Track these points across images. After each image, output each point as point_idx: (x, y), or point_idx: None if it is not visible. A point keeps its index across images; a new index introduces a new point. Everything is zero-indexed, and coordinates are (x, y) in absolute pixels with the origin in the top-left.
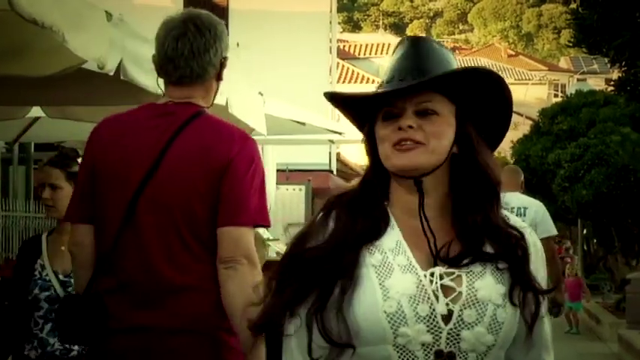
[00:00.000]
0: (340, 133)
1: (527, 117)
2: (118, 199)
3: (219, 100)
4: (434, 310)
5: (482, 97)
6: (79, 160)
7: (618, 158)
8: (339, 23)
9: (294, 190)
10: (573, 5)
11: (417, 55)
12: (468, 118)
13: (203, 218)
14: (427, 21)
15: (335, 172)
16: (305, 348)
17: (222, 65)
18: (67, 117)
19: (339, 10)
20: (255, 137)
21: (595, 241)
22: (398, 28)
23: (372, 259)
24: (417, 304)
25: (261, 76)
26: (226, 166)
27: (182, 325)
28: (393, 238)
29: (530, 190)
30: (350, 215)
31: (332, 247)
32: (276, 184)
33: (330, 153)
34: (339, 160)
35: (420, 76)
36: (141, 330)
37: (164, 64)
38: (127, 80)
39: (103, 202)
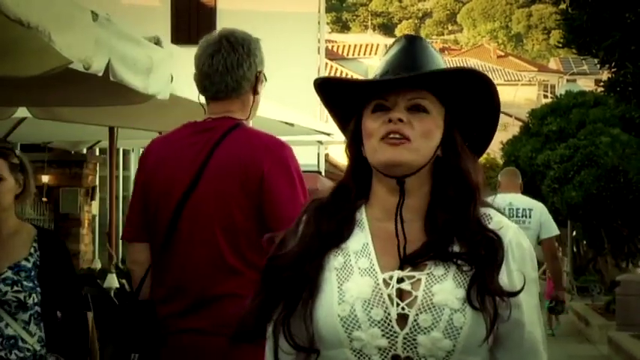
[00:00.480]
0: (329, 134)
1: (516, 118)
2: (163, 214)
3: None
4: (388, 314)
5: (471, 101)
6: (17, 152)
7: (608, 159)
8: (327, 23)
9: None
10: (563, 6)
11: (413, 52)
12: (455, 123)
13: (242, 229)
14: (416, 21)
15: (324, 173)
16: (273, 353)
17: (258, 79)
18: (54, 118)
19: (328, 10)
20: None
21: (585, 242)
22: (387, 28)
23: (336, 262)
24: (371, 308)
25: None
26: (261, 177)
27: (223, 327)
28: (360, 240)
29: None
30: (317, 220)
31: (297, 254)
32: None
33: (318, 154)
34: (327, 161)
35: (419, 71)
36: (188, 332)
37: (202, 81)
38: (117, 81)
39: (151, 217)
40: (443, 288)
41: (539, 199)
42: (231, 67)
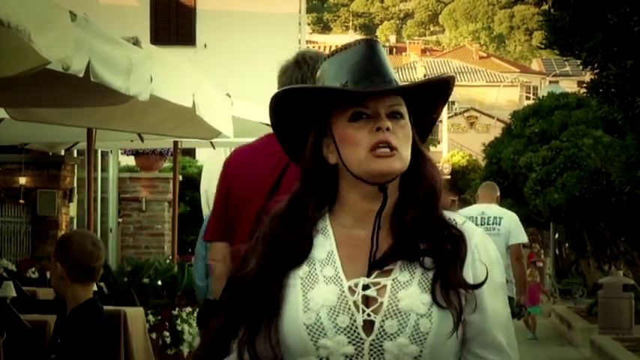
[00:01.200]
0: None
1: (498, 119)
2: (246, 218)
3: (186, 101)
4: (354, 321)
5: (429, 99)
6: None
7: (590, 161)
8: (308, 24)
9: None
10: (545, 6)
11: (378, 57)
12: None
13: None
14: (398, 22)
15: None
16: None
17: None
18: (32, 119)
19: (309, 10)
20: (222, 140)
21: (567, 245)
22: (368, 29)
23: (300, 271)
24: (337, 315)
25: (229, 78)
26: None
27: None
28: (325, 248)
29: (501, 193)
30: (275, 235)
31: (257, 274)
32: None
33: None
34: None
35: (388, 78)
36: None
37: None
38: (98, 82)
39: (234, 221)
40: (408, 293)
41: (521, 202)
42: (296, 82)
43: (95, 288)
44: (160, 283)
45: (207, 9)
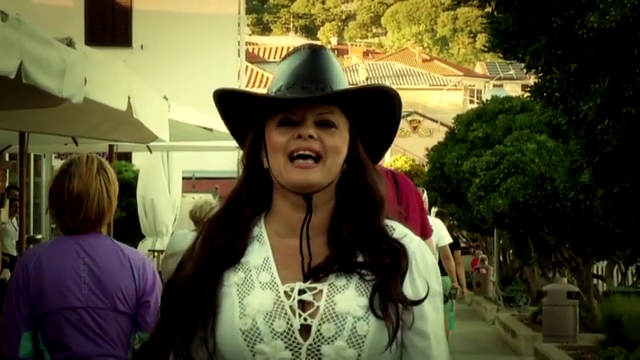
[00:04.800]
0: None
1: (441, 123)
2: None
3: (121, 104)
4: (291, 325)
5: (374, 112)
6: None
7: (535, 167)
8: (247, 25)
9: (200, 198)
10: (489, 9)
11: (318, 63)
12: (357, 133)
13: None
14: (339, 24)
15: None
16: None
17: None
18: None
19: (248, 11)
20: (159, 144)
21: (511, 251)
22: (309, 30)
23: (236, 277)
24: (274, 320)
25: (166, 80)
26: None
27: None
28: (260, 255)
29: (445, 199)
30: (210, 237)
31: (191, 275)
32: (182, 192)
33: (238, 160)
34: None
35: (323, 86)
36: None
37: None
38: (30, 83)
39: None
40: (345, 297)
41: (465, 207)
42: None
43: None
44: None
45: (144, 9)
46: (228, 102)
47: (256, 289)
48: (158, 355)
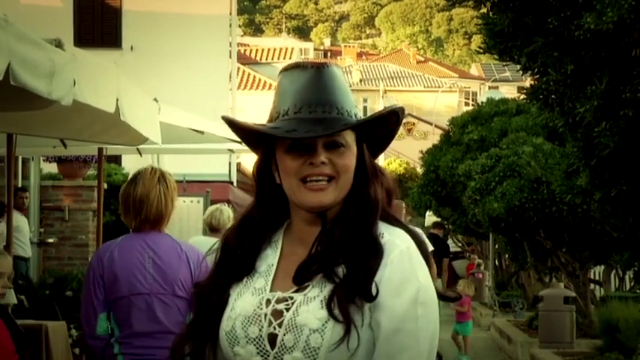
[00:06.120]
0: (241, 143)
1: (436, 126)
2: None
3: (110, 106)
4: (262, 332)
5: (377, 124)
6: None
7: (531, 170)
8: (239, 26)
9: (191, 202)
10: (484, 9)
11: (323, 84)
12: (362, 140)
13: None
14: (333, 25)
15: (235, 183)
16: None
17: None
18: None
19: (240, 12)
20: (149, 146)
21: (507, 256)
22: (302, 31)
23: (241, 282)
24: (249, 326)
25: (156, 82)
26: None
27: None
28: (267, 262)
29: (439, 202)
30: (223, 251)
31: (207, 284)
32: None
33: (230, 163)
34: (239, 170)
35: (329, 109)
36: None
37: None
38: (18, 85)
39: None
40: (307, 309)
41: (460, 211)
42: None
43: (15, 301)
44: None
45: (134, 10)
46: (239, 125)
47: (247, 294)
48: (195, 350)
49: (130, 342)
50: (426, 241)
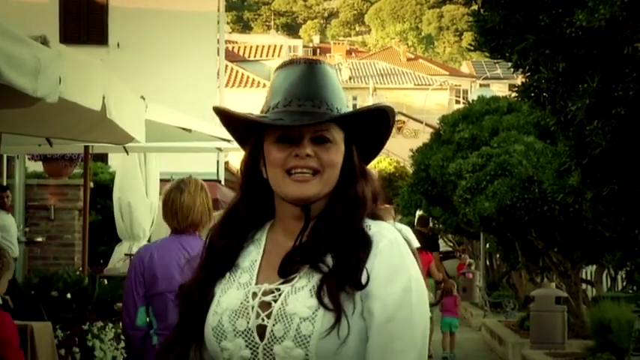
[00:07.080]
0: (229, 141)
1: (427, 124)
2: None
3: (96, 104)
4: (250, 325)
5: (367, 124)
6: None
7: (522, 169)
8: (227, 23)
9: None
10: (475, 6)
11: (314, 79)
12: (352, 141)
13: None
14: (322, 22)
15: (223, 182)
16: None
17: None
18: None
19: (228, 9)
20: (135, 145)
21: (498, 256)
22: (291, 28)
23: (224, 278)
24: (237, 319)
25: (143, 80)
26: None
27: None
28: (251, 258)
29: (430, 202)
30: (207, 248)
31: (193, 282)
32: (160, 194)
33: (218, 162)
34: (227, 169)
35: (318, 103)
36: None
37: None
38: (3, 83)
39: None
40: (296, 298)
41: (451, 210)
42: None
43: (0, 301)
44: (69, 296)
45: (121, 6)
46: (228, 114)
47: (232, 289)
48: (180, 354)
49: (166, 334)
50: (411, 238)
